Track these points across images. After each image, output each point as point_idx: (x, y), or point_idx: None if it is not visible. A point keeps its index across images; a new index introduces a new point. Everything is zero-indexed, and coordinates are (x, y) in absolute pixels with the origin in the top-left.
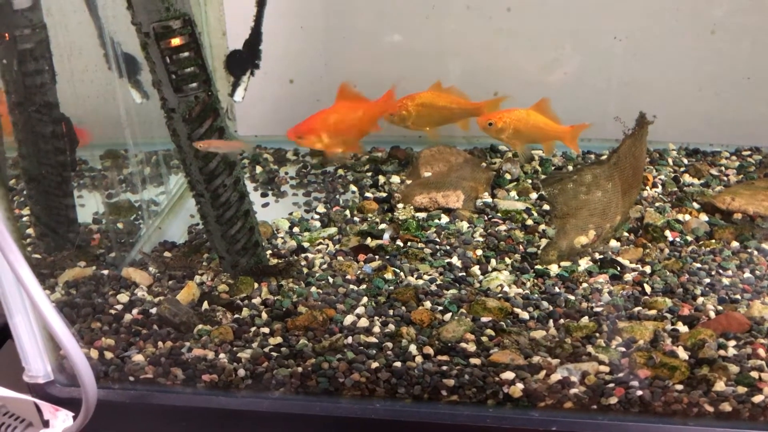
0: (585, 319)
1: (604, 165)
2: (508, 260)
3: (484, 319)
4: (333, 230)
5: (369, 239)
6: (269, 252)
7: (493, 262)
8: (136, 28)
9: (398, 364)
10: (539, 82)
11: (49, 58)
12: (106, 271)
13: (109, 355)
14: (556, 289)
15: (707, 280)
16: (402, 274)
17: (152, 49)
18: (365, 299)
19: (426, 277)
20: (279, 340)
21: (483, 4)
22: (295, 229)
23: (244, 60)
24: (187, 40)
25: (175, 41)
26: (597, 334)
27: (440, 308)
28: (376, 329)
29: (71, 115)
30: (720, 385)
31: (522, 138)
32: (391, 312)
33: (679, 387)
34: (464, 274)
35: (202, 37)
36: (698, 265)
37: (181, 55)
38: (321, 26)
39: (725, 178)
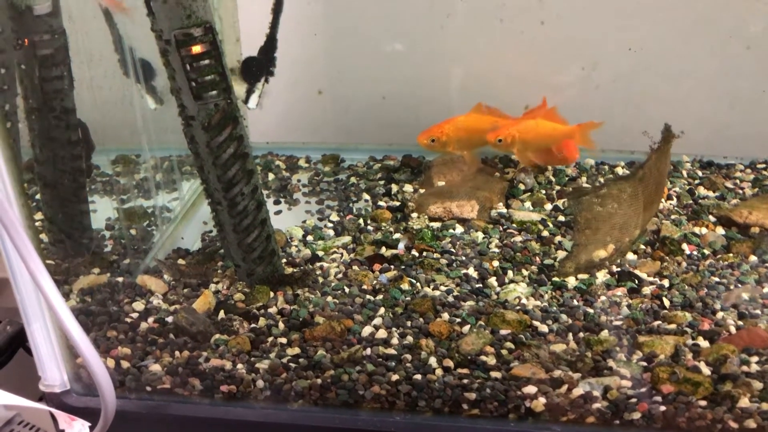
0: (605, 333)
1: (630, 180)
2: (525, 272)
3: (503, 332)
4: (347, 239)
5: (384, 248)
6: (284, 261)
7: (510, 273)
8: (156, 35)
9: (418, 376)
10: (554, 92)
11: (68, 64)
12: (120, 279)
13: (125, 364)
14: (575, 302)
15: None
16: (418, 284)
17: (173, 57)
18: (382, 310)
19: (443, 288)
20: (297, 350)
21: (508, 15)
22: (309, 238)
23: (259, 67)
24: (208, 48)
25: (196, 49)
26: (617, 348)
27: (458, 320)
28: (395, 341)
29: (88, 120)
30: (744, 401)
31: (533, 148)
32: (408, 323)
33: (703, 403)
34: (481, 285)
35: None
36: (716, 279)
37: (201, 63)
38: (337, 34)
39: (740, 191)
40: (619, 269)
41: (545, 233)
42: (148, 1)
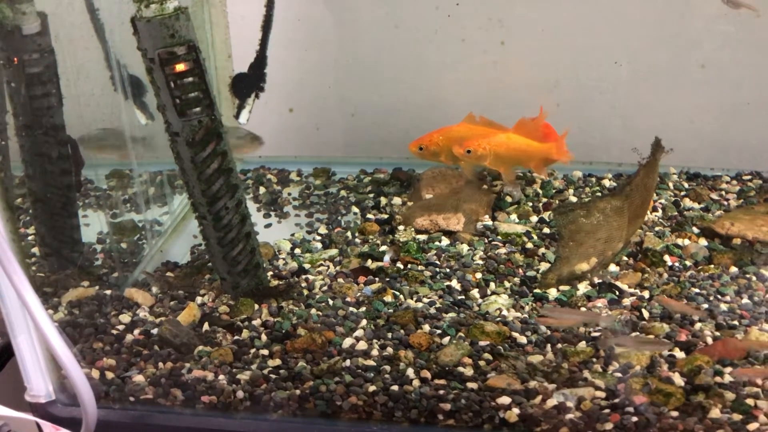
0: (582, 344)
1: (617, 197)
2: (507, 284)
3: (482, 343)
4: (334, 252)
5: (369, 261)
6: (270, 273)
7: (492, 285)
8: (142, 54)
9: (395, 387)
10: (538, 105)
11: (56, 82)
12: (108, 291)
13: (110, 375)
14: None
15: (705, 306)
16: (401, 296)
17: (157, 75)
18: (364, 322)
19: (425, 300)
20: (278, 362)
21: (478, 35)
22: (297, 251)
23: (250, 83)
24: (192, 66)
25: (180, 67)
26: (594, 359)
27: (439, 332)
28: (375, 352)
29: (78, 137)
30: (715, 412)
31: (506, 162)
32: (389, 335)
33: (675, 413)
34: (463, 297)
35: (207, 61)
36: (697, 290)
37: (185, 80)
38: (326, 49)
39: (725, 203)
40: (600, 281)
41: (529, 245)
42: (133, 21)
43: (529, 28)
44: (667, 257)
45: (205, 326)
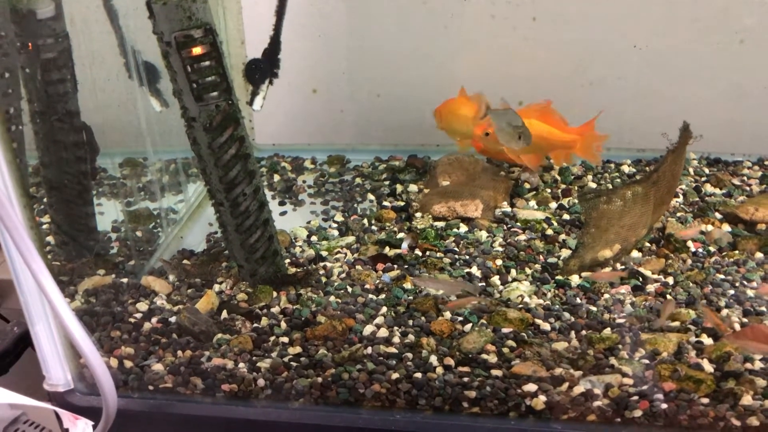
0: (607, 331)
1: (644, 183)
2: (528, 270)
3: (505, 330)
4: (351, 239)
5: (387, 248)
6: (288, 261)
7: (513, 272)
8: (158, 38)
9: (419, 375)
10: (557, 89)
11: (71, 67)
12: (125, 280)
13: (128, 363)
14: (578, 300)
15: (731, 292)
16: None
17: (174, 59)
18: (384, 309)
19: None
20: (298, 349)
21: (504, 13)
22: (313, 238)
23: (263, 69)
24: (209, 49)
25: (197, 50)
26: (620, 346)
27: (460, 319)
28: (396, 339)
29: (92, 123)
30: (747, 399)
31: (525, 150)
32: (410, 322)
33: (705, 400)
34: (484, 284)
35: (222, 46)
36: (722, 276)
37: (202, 64)
38: (340, 35)
39: (747, 188)
40: (623, 267)
41: (549, 232)
42: (149, 4)
43: (543, 15)
44: (690, 243)
45: (224, 314)
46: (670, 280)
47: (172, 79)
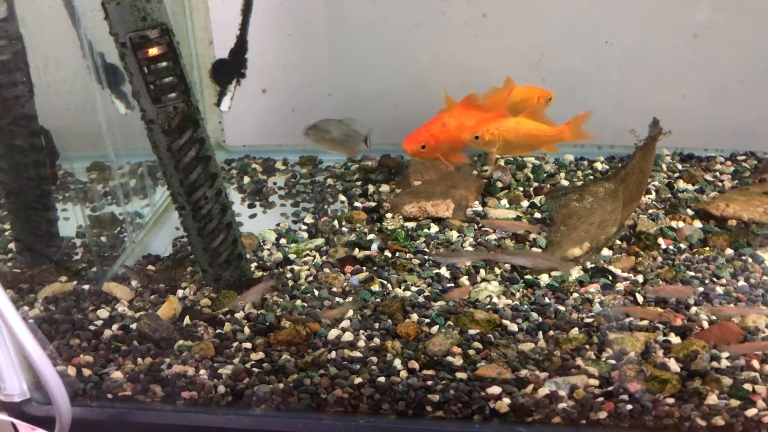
0: (575, 331)
1: (612, 180)
2: (497, 270)
3: (471, 332)
4: (320, 241)
5: (357, 250)
6: (254, 264)
7: (482, 272)
8: (114, 39)
9: (382, 379)
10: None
11: (25, 70)
12: (87, 286)
13: (87, 372)
14: (546, 300)
15: (701, 289)
16: (389, 285)
17: (130, 60)
18: (351, 312)
19: (414, 288)
20: (261, 355)
21: (462, 11)
22: (282, 241)
23: (230, 69)
24: (165, 50)
25: (153, 51)
26: (587, 346)
27: (427, 321)
28: (361, 343)
29: (51, 127)
30: (712, 399)
31: (515, 149)
32: (376, 325)
33: (671, 400)
34: (453, 285)
35: (187, 47)
36: (692, 273)
37: (158, 65)
38: (312, 34)
39: (720, 184)
40: (593, 265)
41: (520, 231)
42: (103, 4)
43: (514, 10)
44: (661, 240)
45: (186, 320)
46: (640, 278)
47: (130, 81)
